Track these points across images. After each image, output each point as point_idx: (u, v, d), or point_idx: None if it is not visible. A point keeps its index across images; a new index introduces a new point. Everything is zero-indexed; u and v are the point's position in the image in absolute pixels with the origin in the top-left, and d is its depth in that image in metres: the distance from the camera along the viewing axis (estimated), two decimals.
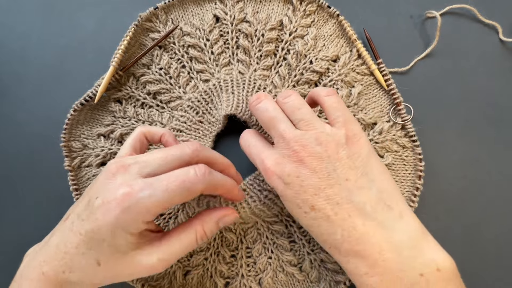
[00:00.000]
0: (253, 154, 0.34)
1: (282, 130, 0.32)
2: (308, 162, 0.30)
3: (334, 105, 0.33)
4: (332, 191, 0.30)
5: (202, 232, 0.31)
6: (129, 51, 0.44)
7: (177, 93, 0.43)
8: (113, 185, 0.28)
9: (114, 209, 0.27)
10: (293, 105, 0.33)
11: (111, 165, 0.29)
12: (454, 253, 0.42)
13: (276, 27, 0.44)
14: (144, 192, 0.27)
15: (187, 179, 0.28)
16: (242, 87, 0.42)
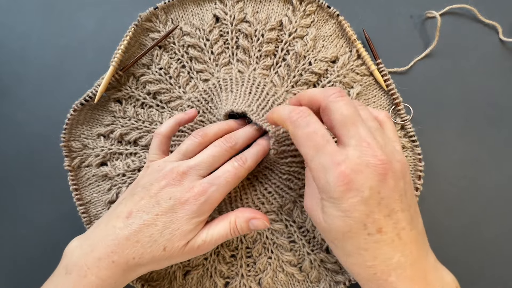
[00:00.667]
0: (320, 145, 0.28)
1: (366, 133, 0.28)
2: (390, 178, 0.27)
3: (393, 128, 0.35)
4: (402, 215, 0.28)
5: (234, 225, 0.35)
6: (129, 51, 0.44)
7: (177, 93, 0.43)
8: (183, 187, 0.34)
9: (195, 203, 0.33)
10: (368, 113, 0.31)
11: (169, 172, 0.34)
12: (454, 253, 0.42)
13: (275, 27, 0.44)
14: (212, 188, 0.33)
15: (236, 172, 0.35)
16: (241, 84, 0.42)
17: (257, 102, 0.40)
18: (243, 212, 0.36)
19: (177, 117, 0.39)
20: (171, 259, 0.34)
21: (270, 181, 0.41)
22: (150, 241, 0.32)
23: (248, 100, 0.40)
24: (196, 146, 0.37)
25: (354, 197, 0.26)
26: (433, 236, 0.42)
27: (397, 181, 0.28)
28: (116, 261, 0.32)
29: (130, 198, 0.35)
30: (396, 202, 0.27)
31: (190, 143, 0.37)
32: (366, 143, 0.27)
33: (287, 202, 0.41)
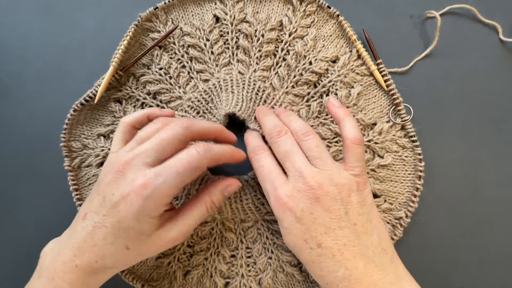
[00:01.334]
0: (265, 176, 0.34)
1: (300, 164, 0.32)
2: (322, 200, 0.31)
3: (358, 156, 0.34)
4: (342, 233, 0.31)
5: (211, 203, 0.34)
6: (129, 51, 0.44)
7: (177, 93, 0.43)
8: (126, 180, 0.31)
9: (136, 200, 0.30)
10: (312, 143, 0.34)
11: (115, 164, 0.32)
12: (454, 253, 0.42)
13: (276, 28, 0.44)
14: (158, 180, 0.30)
15: (192, 160, 0.31)
16: (242, 87, 0.42)
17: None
18: (215, 186, 0.35)
19: (148, 110, 0.37)
20: (143, 255, 0.33)
21: None
22: (106, 243, 0.31)
23: (249, 108, 0.41)
24: (154, 132, 0.33)
25: (289, 217, 0.31)
26: (433, 236, 0.43)
27: (332, 202, 0.31)
28: (79, 265, 0.31)
29: (88, 198, 0.34)
30: (332, 221, 0.31)
31: (147, 129, 0.34)
32: (299, 172, 0.32)
33: None
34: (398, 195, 0.42)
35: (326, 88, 0.43)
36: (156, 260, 0.42)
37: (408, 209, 0.41)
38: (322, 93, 0.43)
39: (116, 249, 0.31)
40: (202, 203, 0.34)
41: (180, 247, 0.42)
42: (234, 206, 0.40)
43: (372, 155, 0.42)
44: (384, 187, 0.42)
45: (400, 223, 0.41)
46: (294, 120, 0.37)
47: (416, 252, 0.42)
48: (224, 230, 0.41)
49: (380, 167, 0.42)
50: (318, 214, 0.31)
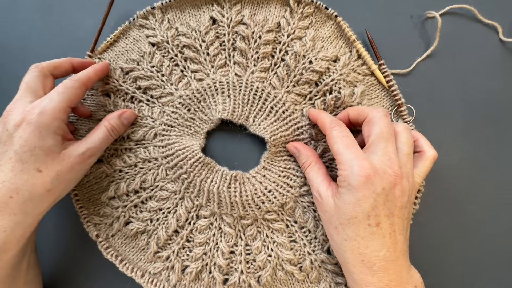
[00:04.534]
0: (349, 144, 0.34)
1: (392, 150, 0.34)
2: (397, 189, 0.33)
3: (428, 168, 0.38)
4: (398, 221, 0.34)
5: (110, 125, 0.39)
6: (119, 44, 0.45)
7: (169, 89, 0.43)
8: (14, 113, 0.34)
9: (31, 119, 0.33)
10: (411, 139, 0.36)
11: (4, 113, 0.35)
12: (454, 252, 0.42)
13: (273, 29, 0.43)
14: (43, 101, 0.34)
15: (66, 83, 0.36)
16: (238, 90, 0.42)
17: (254, 111, 0.42)
18: (111, 114, 0.40)
19: (73, 59, 0.41)
20: (60, 175, 0.34)
21: (269, 180, 0.41)
22: (16, 173, 0.32)
23: (246, 112, 0.41)
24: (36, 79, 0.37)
25: (368, 189, 0.32)
26: (433, 235, 0.43)
27: (402, 194, 0.34)
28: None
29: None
30: (396, 208, 0.33)
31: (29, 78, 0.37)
32: (389, 157, 0.34)
33: (288, 201, 0.41)
34: None
35: (328, 87, 0.42)
36: (154, 254, 0.42)
37: None
38: (325, 91, 0.43)
39: (29, 175, 0.33)
40: (102, 127, 0.38)
41: (179, 241, 0.42)
42: (233, 200, 0.40)
43: None
44: None
45: None
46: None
47: (416, 252, 0.42)
48: (223, 226, 0.41)
49: None
50: (391, 198, 0.33)
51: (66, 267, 0.43)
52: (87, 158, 0.37)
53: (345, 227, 0.34)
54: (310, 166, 0.39)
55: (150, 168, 0.42)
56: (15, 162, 0.32)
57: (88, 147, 0.36)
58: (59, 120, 0.34)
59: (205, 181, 0.41)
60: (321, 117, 0.38)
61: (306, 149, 0.40)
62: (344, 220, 0.34)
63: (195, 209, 0.42)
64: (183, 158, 0.41)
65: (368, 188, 0.32)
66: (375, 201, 0.32)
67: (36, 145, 0.32)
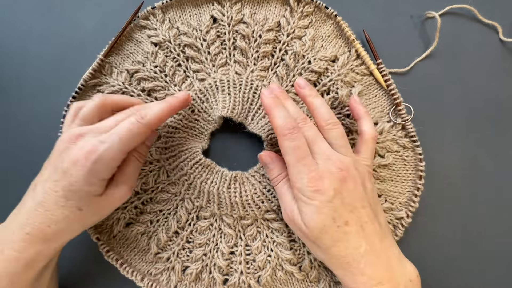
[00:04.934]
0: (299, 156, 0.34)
1: (327, 149, 0.35)
2: (349, 182, 0.34)
3: (372, 150, 0.38)
4: (364, 211, 0.34)
5: (138, 155, 0.38)
6: (123, 47, 0.45)
7: (172, 91, 0.43)
8: (76, 148, 0.33)
9: (85, 163, 0.32)
10: (340, 133, 0.37)
11: (67, 136, 0.34)
12: (454, 253, 0.42)
13: (273, 28, 0.44)
14: (104, 145, 0.32)
15: (132, 127, 0.33)
16: (238, 88, 0.42)
17: (253, 110, 0.42)
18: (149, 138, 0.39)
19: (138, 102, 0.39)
20: (98, 214, 0.36)
21: (268, 179, 0.41)
22: (58, 207, 0.32)
23: (245, 109, 0.41)
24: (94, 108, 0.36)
25: (322, 196, 0.33)
26: (433, 235, 0.43)
27: (355, 184, 0.34)
28: (30, 232, 0.32)
29: (39, 173, 0.35)
30: (356, 200, 0.34)
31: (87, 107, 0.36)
32: (327, 156, 0.34)
33: None
34: (399, 195, 0.42)
35: (326, 87, 0.43)
36: (155, 255, 0.42)
37: (409, 209, 0.41)
38: (322, 91, 0.43)
39: (69, 211, 0.33)
40: (132, 160, 0.37)
41: (180, 242, 0.42)
42: (233, 200, 0.40)
43: None
44: (385, 187, 0.42)
45: (401, 223, 0.41)
46: (322, 106, 0.38)
47: (416, 252, 0.42)
48: (223, 226, 0.41)
49: (381, 166, 0.42)
50: (346, 194, 0.33)
51: (66, 268, 0.43)
52: (127, 196, 0.37)
53: (321, 239, 0.33)
54: (284, 180, 0.37)
55: (151, 170, 0.42)
56: (60, 197, 0.32)
57: (127, 186, 0.36)
58: (111, 169, 0.34)
59: (205, 182, 0.41)
60: (273, 115, 0.36)
61: (282, 161, 0.38)
62: (317, 233, 0.33)
63: (195, 210, 0.42)
64: (184, 160, 0.41)
65: (320, 194, 0.33)
66: (333, 203, 0.33)
67: (82, 188, 0.33)
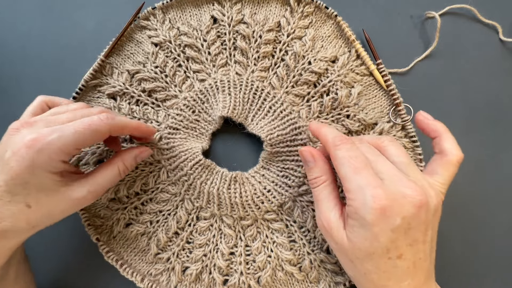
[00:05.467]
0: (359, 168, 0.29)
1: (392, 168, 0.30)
2: (422, 212, 0.29)
3: (453, 175, 0.33)
4: (422, 247, 0.29)
5: (123, 167, 0.35)
6: (124, 48, 0.45)
7: (173, 92, 0.43)
8: (19, 136, 0.30)
9: (27, 153, 0.29)
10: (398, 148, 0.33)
11: (14, 124, 0.31)
12: (454, 253, 0.42)
13: (273, 29, 0.44)
14: (53, 135, 0.29)
15: (92, 123, 0.31)
16: (239, 89, 0.42)
17: (253, 111, 0.42)
18: (128, 152, 0.36)
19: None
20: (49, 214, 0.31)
21: (268, 179, 0.41)
22: (3, 203, 0.29)
23: (246, 110, 0.41)
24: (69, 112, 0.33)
25: (386, 222, 0.28)
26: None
27: (428, 215, 0.29)
28: None
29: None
30: (420, 233, 0.29)
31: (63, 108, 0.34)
32: (398, 177, 0.29)
33: (287, 201, 0.41)
34: None
35: (326, 88, 0.43)
36: (155, 256, 0.42)
37: None
38: (322, 92, 0.43)
39: (16, 208, 0.30)
40: (114, 167, 0.34)
41: (180, 243, 0.42)
42: (233, 201, 0.41)
43: None
44: None
45: None
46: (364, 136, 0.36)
47: None
48: (222, 227, 0.41)
49: None
50: (414, 225, 0.28)
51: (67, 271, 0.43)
52: (87, 201, 0.33)
53: (363, 262, 0.30)
54: (324, 184, 0.33)
55: (151, 171, 0.42)
56: (4, 192, 0.29)
57: (92, 190, 0.33)
58: (58, 162, 0.30)
59: (205, 183, 0.41)
60: (323, 132, 0.33)
61: (325, 163, 0.35)
62: (361, 256, 0.29)
63: (195, 211, 0.42)
64: (184, 160, 0.41)
65: (385, 221, 0.28)
66: (394, 233, 0.28)
67: (28, 180, 0.29)
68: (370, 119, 0.42)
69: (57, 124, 0.31)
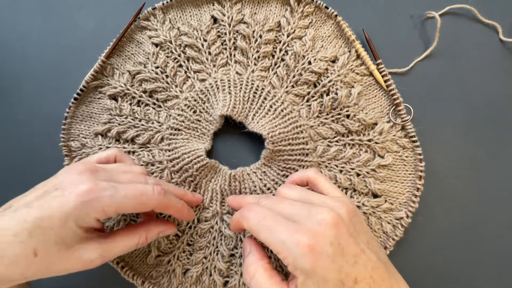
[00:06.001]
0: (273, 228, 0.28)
1: (299, 206, 0.30)
2: (341, 226, 0.28)
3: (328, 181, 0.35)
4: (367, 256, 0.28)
5: (144, 239, 0.34)
6: (125, 48, 0.45)
7: (174, 92, 0.43)
8: (79, 180, 0.29)
9: (74, 200, 0.28)
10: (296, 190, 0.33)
11: (79, 165, 0.31)
12: (454, 253, 0.42)
13: (274, 29, 0.44)
14: (107, 191, 0.29)
15: (145, 194, 0.31)
16: (239, 88, 0.42)
17: (254, 110, 0.42)
18: (155, 225, 0.35)
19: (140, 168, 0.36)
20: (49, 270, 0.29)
21: (268, 177, 0.41)
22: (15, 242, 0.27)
23: (246, 109, 0.41)
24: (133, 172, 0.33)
25: (322, 259, 0.26)
26: (432, 235, 0.43)
27: (348, 225, 0.29)
28: None
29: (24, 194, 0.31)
30: (354, 245, 0.28)
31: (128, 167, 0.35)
32: (307, 211, 0.29)
33: None
34: (398, 195, 0.42)
35: (326, 88, 0.43)
36: (155, 258, 0.42)
37: (409, 209, 0.41)
38: (322, 92, 0.43)
39: (22, 252, 0.27)
40: (136, 236, 0.33)
41: (180, 245, 0.42)
42: None
43: (372, 155, 0.42)
44: (384, 187, 0.42)
45: (401, 223, 0.41)
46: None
47: (416, 252, 0.42)
48: (223, 229, 0.41)
49: (381, 167, 0.42)
50: (344, 242, 0.28)
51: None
52: (94, 266, 0.30)
53: None
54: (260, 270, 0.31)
55: (153, 172, 0.42)
56: (25, 229, 0.27)
57: (104, 256, 0.30)
58: (94, 220, 0.29)
59: (209, 181, 0.41)
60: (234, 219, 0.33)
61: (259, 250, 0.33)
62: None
63: (197, 212, 0.42)
64: (189, 162, 0.41)
65: (320, 258, 0.26)
66: (335, 262, 0.27)
67: (54, 227, 0.27)
68: (370, 119, 0.42)
69: (115, 182, 0.31)
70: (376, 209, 0.41)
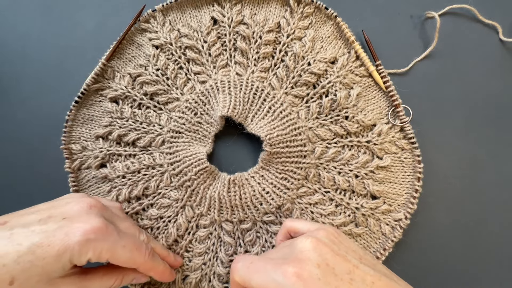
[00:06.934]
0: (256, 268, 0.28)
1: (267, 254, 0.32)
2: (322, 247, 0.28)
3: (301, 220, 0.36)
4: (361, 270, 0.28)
5: (119, 282, 0.34)
6: (125, 51, 0.44)
7: (175, 95, 0.43)
8: (88, 215, 0.29)
9: (80, 235, 0.28)
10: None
11: (92, 199, 0.32)
12: (454, 252, 0.42)
13: (273, 29, 0.44)
14: (112, 236, 0.29)
15: (139, 250, 0.32)
16: (239, 89, 0.42)
17: (253, 111, 0.42)
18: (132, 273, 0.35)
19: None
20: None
21: (267, 181, 0.41)
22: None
23: (246, 110, 0.41)
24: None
25: (312, 282, 0.26)
26: (433, 236, 0.43)
27: (332, 245, 0.29)
28: None
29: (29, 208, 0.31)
30: (345, 263, 0.27)
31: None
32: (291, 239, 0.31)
33: (285, 203, 0.41)
34: (397, 197, 0.42)
35: (325, 89, 0.43)
36: None
37: (408, 211, 0.41)
38: (321, 94, 0.43)
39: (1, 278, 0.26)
40: (113, 277, 0.33)
41: (179, 251, 0.42)
42: (233, 203, 0.41)
43: (371, 156, 0.42)
44: (383, 189, 0.42)
45: (399, 224, 0.41)
46: None
47: (415, 252, 0.42)
48: (222, 235, 0.42)
49: (379, 168, 0.42)
50: (331, 261, 0.27)
51: None
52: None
53: None
54: None
55: (153, 175, 0.42)
56: (15, 252, 0.26)
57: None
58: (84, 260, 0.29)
59: (208, 188, 0.41)
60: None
61: None
62: None
63: (195, 219, 0.42)
64: (189, 165, 0.41)
65: (308, 282, 0.26)
66: (329, 283, 0.26)
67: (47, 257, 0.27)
68: (368, 120, 0.42)
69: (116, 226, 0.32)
70: (374, 210, 0.41)
